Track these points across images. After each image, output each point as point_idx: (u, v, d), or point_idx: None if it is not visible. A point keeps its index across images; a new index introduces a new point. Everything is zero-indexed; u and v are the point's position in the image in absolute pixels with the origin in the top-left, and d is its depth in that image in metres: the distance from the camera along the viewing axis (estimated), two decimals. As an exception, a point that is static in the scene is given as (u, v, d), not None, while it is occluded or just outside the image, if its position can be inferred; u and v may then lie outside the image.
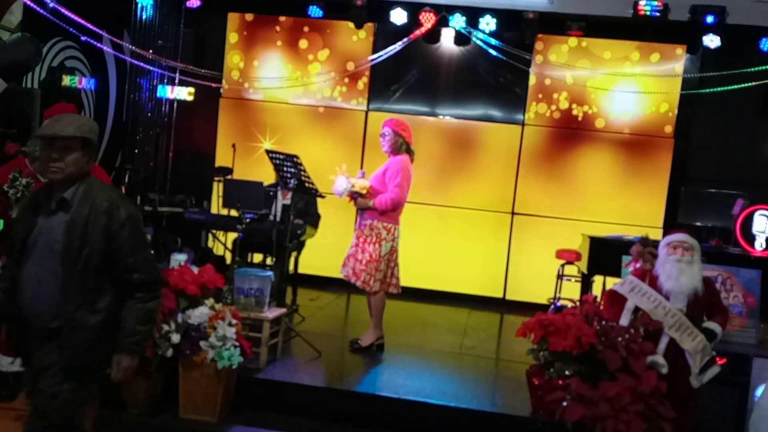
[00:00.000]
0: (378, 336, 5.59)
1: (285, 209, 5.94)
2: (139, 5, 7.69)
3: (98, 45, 7.17)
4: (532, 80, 7.98)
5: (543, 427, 4.14)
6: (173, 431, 4.24)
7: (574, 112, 8.00)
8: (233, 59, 8.47)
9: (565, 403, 3.82)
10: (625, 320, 4.30)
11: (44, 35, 6.62)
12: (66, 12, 6.40)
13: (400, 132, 5.42)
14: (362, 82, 8.29)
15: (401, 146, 5.43)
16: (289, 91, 8.38)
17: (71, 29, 6.60)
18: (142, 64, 7.72)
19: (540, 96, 8.03)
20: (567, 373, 4.03)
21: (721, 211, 6.63)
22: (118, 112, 8.04)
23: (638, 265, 4.60)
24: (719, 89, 7.00)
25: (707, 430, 4.65)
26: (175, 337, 4.17)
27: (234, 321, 4.33)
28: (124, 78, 7.97)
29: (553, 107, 8.02)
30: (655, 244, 4.56)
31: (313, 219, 6.61)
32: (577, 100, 7.97)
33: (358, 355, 5.46)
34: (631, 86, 7.82)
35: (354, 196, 5.37)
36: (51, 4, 6.30)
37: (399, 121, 5.54)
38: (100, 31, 7.03)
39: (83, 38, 6.84)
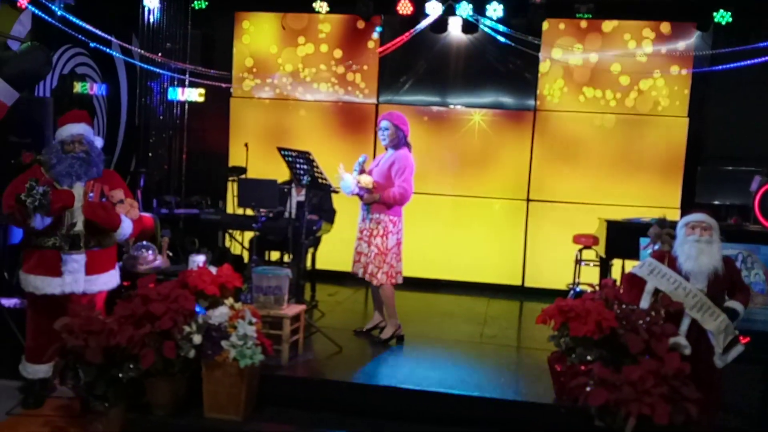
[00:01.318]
0: (396, 326, 5.64)
1: (300, 206, 5.95)
2: (146, 9, 7.71)
3: (108, 50, 7.20)
4: (542, 65, 7.92)
5: (567, 413, 4.13)
6: (199, 431, 4.28)
7: (586, 95, 7.94)
8: (242, 58, 8.49)
9: (588, 388, 3.81)
10: (645, 303, 4.28)
11: (54, 43, 6.67)
12: (74, 19, 6.44)
13: (401, 126, 5.48)
14: (371, 75, 8.27)
15: (398, 139, 5.48)
16: (298, 88, 8.39)
17: (80, 36, 6.64)
18: (151, 67, 7.75)
19: (550, 80, 7.97)
20: (589, 358, 4.02)
21: (739, 189, 6.57)
22: (130, 116, 8.08)
23: (657, 247, 4.56)
24: (732, 66, 6.92)
25: (732, 409, 4.61)
26: (197, 338, 4.19)
27: (254, 319, 4.34)
28: (135, 82, 8.01)
29: (564, 91, 7.96)
30: (673, 225, 4.53)
31: (328, 214, 6.63)
32: (587, 83, 7.91)
33: (378, 347, 5.47)
34: (643, 66, 7.75)
35: (360, 192, 5.41)
36: (59, 13, 6.34)
37: (398, 114, 5.58)
38: (109, 37, 7.06)
39: (92, 44, 6.88)
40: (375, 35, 8.15)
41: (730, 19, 6.94)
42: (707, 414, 3.99)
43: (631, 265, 5.04)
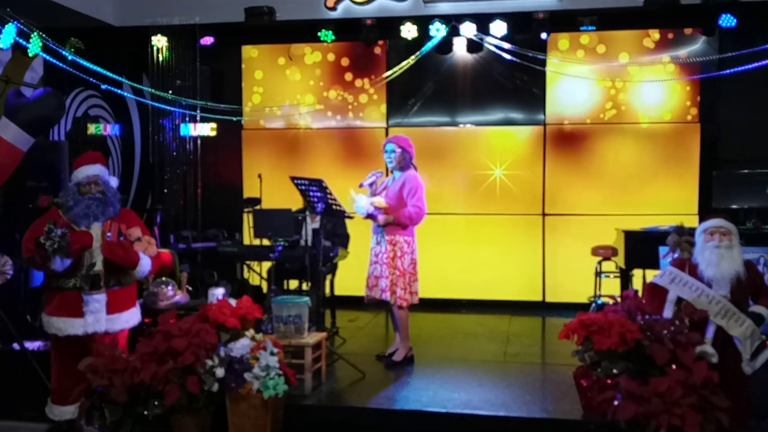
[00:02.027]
0: (408, 348, 5.68)
1: (315, 233, 5.97)
2: (155, 48, 7.83)
3: (119, 91, 7.31)
4: (549, 79, 7.94)
5: (596, 429, 4.07)
6: (226, 465, 4.26)
7: (595, 107, 7.93)
8: (250, 90, 8.58)
9: (616, 402, 3.77)
10: (668, 312, 4.23)
11: (66, 87, 6.79)
12: (85, 63, 6.56)
13: (407, 148, 5.60)
14: (379, 99, 8.32)
15: (405, 161, 5.59)
16: (307, 116, 8.46)
17: (92, 79, 6.75)
18: (163, 105, 7.85)
19: (559, 94, 7.98)
20: (614, 371, 3.97)
21: (756, 191, 6.52)
22: (144, 154, 8.18)
23: (676, 255, 4.52)
24: (740, 69, 6.89)
25: (763, 416, 4.53)
26: (220, 372, 4.19)
27: (275, 350, 4.34)
28: (147, 120, 8.12)
29: (573, 104, 7.96)
30: (692, 232, 4.49)
31: (342, 239, 6.65)
32: (596, 95, 7.90)
33: (401, 372, 5.45)
34: (650, 75, 7.74)
35: (375, 213, 5.44)
36: (70, 57, 6.46)
37: (403, 137, 5.70)
38: (120, 78, 7.17)
39: (104, 86, 6.99)
40: (380, 57, 8.21)
41: (735, 23, 6.92)
42: (738, 422, 3.92)
43: (651, 275, 5.00)
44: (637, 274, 6.70)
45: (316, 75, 8.43)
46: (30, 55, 5.89)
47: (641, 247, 6.15)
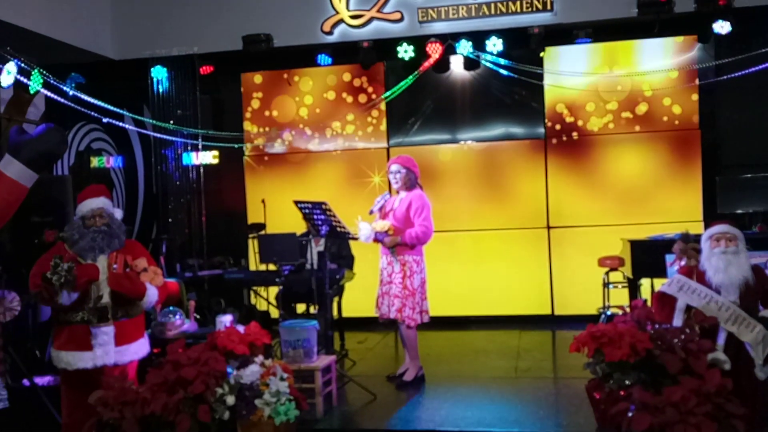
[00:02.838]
0: (419, 368, 5.68)
1: (320, 256, 5.98)
2: (155, 80, 7.90)
3: (121, 124, 7.37)
4: (547, 92, 7.97)
5: (611, 442, 4.04)
6: (241, 493, 4.22)
7: (594, 118, 7.95)
8: (251, 117, 8.63)
9: (630, 414, 3.73)
10: (678, 321, 4.20)
11: (68, 122, 6.85)
12: (86, 97, 6.61)
13: (411, 168, 5.63)
14: (379, 120, 8.36)
15: (411, 181, 5.62)
16: (309, 140, 8.50)
17: (93, 113, 6.81)
18: (164, 135, 7.90)
19: (557, 106, 8.00)
20: (627, 382, 3.94)
21: (760, 195, 6.51)
22: (148, 184, 8.22)
23: (683, 263, 4.50)
24: (737, 74, 6.91)
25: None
26: (230, 399, 4.17)
27: (285, 375, 4.32)
28: (150, 151, 8.17)
29: (573, 115, 7.98)
30: (697, 239, 4.47)
31: (347, 261, 6.65)
32: (595, 106, 7.93)
33: (413, 392, 5.42)
34: (648, 84, 7.77)
35: (380, 237, 5.45)
36: (71, 92, 6.52)
37: (407, 157, 5.75)
38: (121, 111, 7.23)
39: (105, 120, 7.04)
40: (379, 81, 8.27)
41: (730, 29, 6.96)
42: (755, 428, 3.88)
43: (659, 284, 4.97)
44: (645, 284, 6.68)
45: (316, 99, 8.48)
46: (31, 92, 5.95)
47: (648, 256, 6.14)
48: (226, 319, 5.16)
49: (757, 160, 7.38)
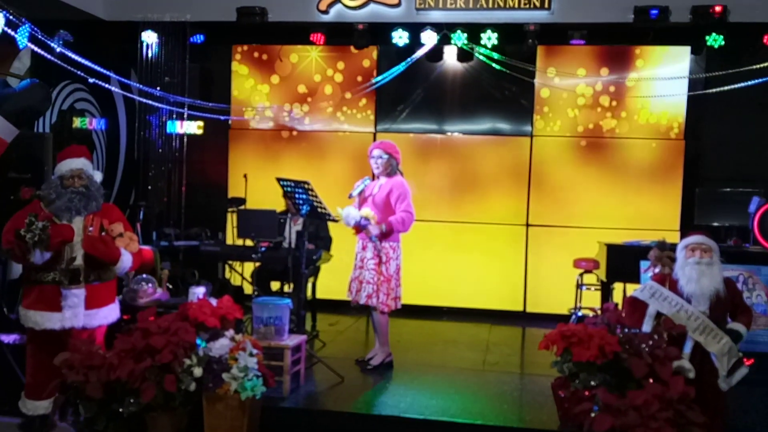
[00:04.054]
0: (387, 353, 5.69)
1: (299, 235, 5.96)
2: (145, 44, 7.79)
3: (106, 86, 7.26)
4: (538, 91, 7.98)
5: (572, 440, 4.09)
6: (201, 465, 4.23)
7: (582, 120, 7.99)
8: (239, 90, 8.55)
9: (593, 414, 3.78)
10: (647, 326, 4.26)
11: (53, 79, 6.73)
12: (73, 55, 6.50)
13: (393, 154, 5.61)
14: (368, 104, 8.33)
15: (391, 167, 5.60)
16: (296, 118, 8.45)
17: (79, 72, 6.70)
18: (150, 101, 7.81)
19: (546, 106, 8.03)
20: (593, 383, 3.99)
21: (738, 210, 6.58)
22: (129, 150, 8.13)
23: (657, 270, 4.55)
24: (726, 88, 6.97)
25: (739, 433, 4.57)
26: (198, 371, 4.16)
27: (255, 351, 4.32)
28: (134, 116, 8.07)
29: (560, 116, 8.01)
30: (673, 247, 4.52)
31: (324, 242, 6.64)
32: (583, 108, 7.96)
33: (380, 377, 5.44)
34: (638, 90, 7.81)
35: (363, 223, 5.44)
36: (58, 49, 6.40)
37: (389, 143, 5.72)
38: (108, 72, 7.13)
39: (91, 80, 6.94)
40: (372, 64, 8.23)
41: (723, 43, 7.01)
42: (714, 438, 3.95)
43: (632, 289, 5.03)
44: (618, 288, 6.74)
45: (306, 77, 8.42)
46: (21, 46, 5.84)
47: (623, 260, 6.19)
48: (199, 291, 5.13)
49: (737, 174, 7.47)
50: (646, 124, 7.88)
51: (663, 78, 7.71)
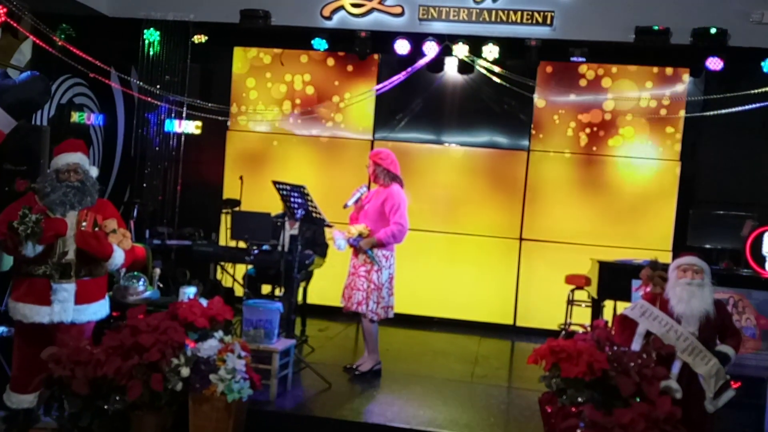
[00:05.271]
0: (376, 361, 5.68)
1: (293, 239, 5.95)
2: (147, 42, 7.79)
3: (107, 81, 7.25)
4: (537, 106, 8.01)
5: (557, 456, 4.08)
6: (184, 466, 4.21)
7: (579, 138, 8.02)
8: (239, 92, 8.56)
9: (578, 431, 3.78)
10: (636, 345, 4.26)
11: (53, 73, 6.72)
12: (74, 50, 6.50)
13: (380, 163, 5.59)
14: (367, 112, 8.35)
15: (382, 175, 5.58)
16: (295, 122, 8.45)
17: (80, 66, 6.69)
18: (149, 99, 7.80)
19: (545, 122, 8.06)
20: (580, 400, 3.99)
21: (731, 233, 6.60)
22: (126, 146, 8.12)
23: (648, 289, 4.56)
24: (723, 111, 7.01)
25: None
26: (185, 371, 4.15)
27: (243, 353, 4.31)
28: (132, 113, 8.06)
29: (558, 133, 8.04)
30: (665, 267, 4.53)
31: (322, 249, 6.63)
32: (581, 126, 7.99)
33: (368, 385, 5.43)
34: (635, 110, 7.85)
35: (354, 243, 5.44)
36: (60, 43, 6.40)
37: (377, 151, 5.76)
38: (108, 68, 7.12)
39: (92, 75, 6.93)
40: (372, 73, 8.25)
41: (722, 66, 7.05)
42: (698, 459, 3.95)
43: (622, 307, 5.04)
44: (609, 305, 6.75)
45: (306, 83, 8.43)
46: (20, 38, 5.84)
47: (614, 278, 6.20)
48: (189, 291, 5.11)
49: (731, 197, 7.50)
50: (643, 144, 7.91)
51: (661, 98, 7.76)
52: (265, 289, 6.83)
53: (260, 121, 8.52)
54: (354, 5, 7.71)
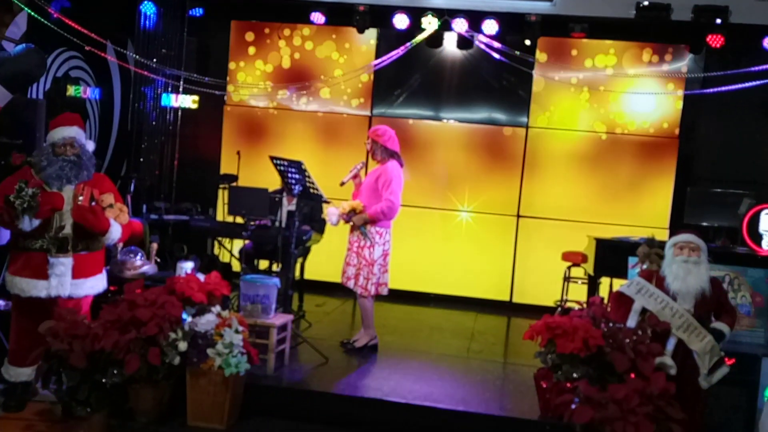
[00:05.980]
0: (372, 336, 5.70)
1: (290, 215, 5.95)
2: (143, 15, 7.71)
3: (103, 55, 7.19)
4: (536, 83, 7.97)
5: (552, 430, 4.12)
6: (181, 439, 4.24)
7: (578, 114, 7.98)
8: (237, 66, 8.49)
9: (573, 406, 3.81)
10: (632, 322, 4.29)
11: (49, 46, 6.64)
12: (70, 22, 6.43)
13: (375, 138, 5.58)
14: (366, 87, 8.30)
15: (379, 152, 5.56)
16: (292, 97, 8.40)
17: (76, 39, 6.62)
18: (146, 73, 7.74)
19: (544, 98, 8.02)
20: (575, 375, 4.02)
21: (728, 211, 6.60)
22: (122, 121, 8.06)
23: (645, 267, 4.58)
24: (723, 89, 6.98)
25: (716, 430, 4.62)
26: (182, 345, 4.17)
27: (240, 328, 4.33)
28: (129, 87, 8.00)
29: (557, 109, 8.01)
30: (662, 245, 4.54)
31: (319, 225, 6.63)
32: (580, 102, 7.96)
33: (364, 360, 5.46)
34: (634, 87, 7.81)
35: (349, 216, 5.43)
36: (55, 15, 6.33)
37: (376, 127, 5.72)
38: (105, 41, 7.05)
39: (87, 48, 6.86)
40: (371, 47, 8.19)
41: (722, 43, 7.01)
42: (691, 434, 3.99)
43: (619, 284, 5.06)
44: (605, 282, 6.77)
45: (304, 57, 8.37)
46: (14, 9, 5.77)
47: (611, 255, 6.21)
48: (187, 266, 5.11)
49: (729, 176, 7.50)
50: (641, 121, 7.88)
51: (661, 75, 7.71)
52: (263, 264, 6.85)
53: (257, 95, 8.47)
54: (352, -22, 7.62)
